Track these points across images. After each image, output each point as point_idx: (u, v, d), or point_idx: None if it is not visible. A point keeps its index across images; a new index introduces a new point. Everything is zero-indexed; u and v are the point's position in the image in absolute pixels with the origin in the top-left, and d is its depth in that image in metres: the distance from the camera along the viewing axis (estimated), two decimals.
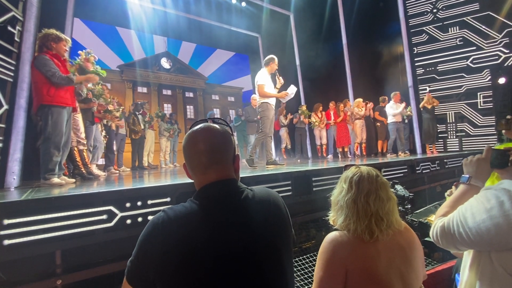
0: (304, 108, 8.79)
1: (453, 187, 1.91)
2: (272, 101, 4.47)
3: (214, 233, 0.77)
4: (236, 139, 7.95)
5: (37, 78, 3.03)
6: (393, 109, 7.15)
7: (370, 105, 7.96)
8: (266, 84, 4.37)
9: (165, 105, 11.25)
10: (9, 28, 3.40)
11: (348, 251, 1.13)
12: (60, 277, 1.76)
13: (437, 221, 1.09)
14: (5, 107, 3.36)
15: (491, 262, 0.92)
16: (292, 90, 4.71)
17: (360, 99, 8.01)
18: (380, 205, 1.17)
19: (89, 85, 4.02)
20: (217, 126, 0.92)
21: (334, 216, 1.27)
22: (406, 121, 7.34)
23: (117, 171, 6.07)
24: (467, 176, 1.14)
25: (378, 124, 7.88)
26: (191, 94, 12.08)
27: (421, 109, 7.52)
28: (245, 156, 7.56)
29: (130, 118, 6.96)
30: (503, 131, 1.86)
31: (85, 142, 4.09)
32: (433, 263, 2.72)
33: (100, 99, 4.55)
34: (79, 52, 4.03)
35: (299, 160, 7.71)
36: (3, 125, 3.34)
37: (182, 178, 3.21)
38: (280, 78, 4.62)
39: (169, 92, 11.54)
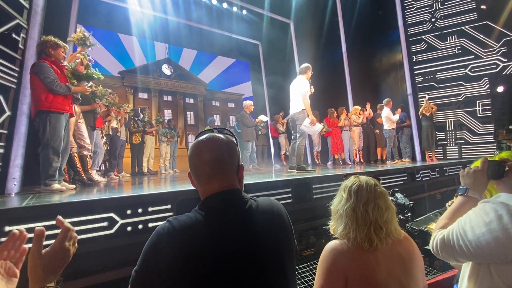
0: None
1: (454, 197, 1.92)
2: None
3: (218, 243, 0.78)
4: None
5: (36, 85, 3.05)
6: (390, 116, 7.19)
7: (368, 111, 8.02)
8: (308, 92, 4.53)
9: (165, 111, 11.30)
10: (14, 35, 3.44)
11: (348, 259, 1.14)
12: (59, 284, 1.75)
13: (436, 233, 1.10)
14: (8, 113, 3.38)
15: (490, 274, 0.93)
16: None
17: (357, 107, 8.07)
18: (379, 213, 1.18)
19: (90, 84, 4.01)
20: (221, 136, 0.94)
21: (334, 225, 1.29)
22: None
23: (117, 177, 6.07)
24: (465, 187, 1.15)
25: (377, 131, 7.92)
26: (191, 100, 12.14)
27: (420, 116, 7.56)
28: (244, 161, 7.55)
29: (130, 123, 7.00)
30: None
31: (90, 148, 4.11)
32: (433, 272, 2.71)
33: (103, 99, 4.57)
34: (78, 55, 4.02)
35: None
36: (5, 131, 3.36)
37: (182, 185, 3.21)
38: (312, 87, 4.72)
39: (169, 98, 11.60)
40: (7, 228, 1.65)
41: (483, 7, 7.72)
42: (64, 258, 0.66)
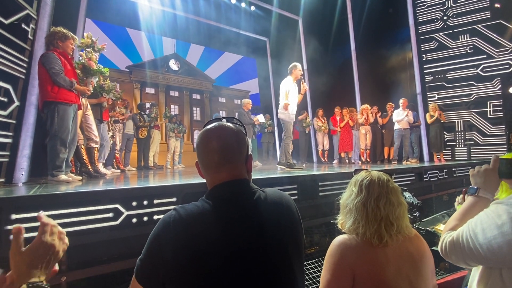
0: (307, 119, 8.84)
1: (461, 195, 1.86)
2: (292, 109, 4.66)
3: (225, 233, 0.76)
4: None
5: (43, 75, 3.06)
6: (398, 116, 7.12)
7: (374, 109, 7.93)
8: (289, 91, 4.61)
9: (172, 106, 11.34)
10: (23, 26, 3.46)
11: (356, 255, 1.11)
12: (64, 273, 1.75)
13: (445, 236, 1.05)
14: (16, 103, 3.40)
15: (502, 280, 0.89)
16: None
17: (364, 106, 7.99)
18: (391, 209, 1.15)
19: (96, 80, 4.02)
20: (230, 125, 0.91)
21: (343, 220, 1.26)
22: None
23: (124, 170, 6.11)
24: (475, 187, 1.10)
25: (384, 130, 7.83)
26: (198, 96, 12.15)
27: (429, 121, 7.42)
28: None
29: (137, 118, 7.03)
30: None
31: (97, 140, 4.13)
32: (440, 273, 2.67)
33: (110, 94, 4.59)
34: (80, 53, 4.05)
35: (304, 165, 7.68)
36: (13, 121, 3.39)
37: (187, 178, 3.21)
38: (305, 84, 4.80)
39: (176, 94, 11.63)
40: (13, 216, 1.66)
41: (497, 5, 7.54)
42: (49, 253, 0.66)
